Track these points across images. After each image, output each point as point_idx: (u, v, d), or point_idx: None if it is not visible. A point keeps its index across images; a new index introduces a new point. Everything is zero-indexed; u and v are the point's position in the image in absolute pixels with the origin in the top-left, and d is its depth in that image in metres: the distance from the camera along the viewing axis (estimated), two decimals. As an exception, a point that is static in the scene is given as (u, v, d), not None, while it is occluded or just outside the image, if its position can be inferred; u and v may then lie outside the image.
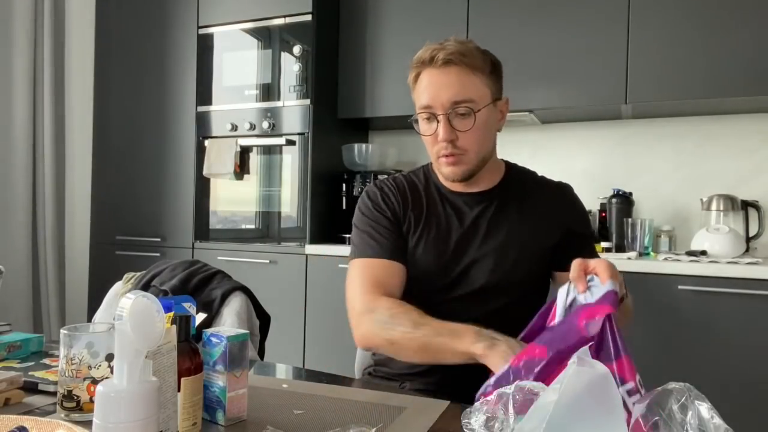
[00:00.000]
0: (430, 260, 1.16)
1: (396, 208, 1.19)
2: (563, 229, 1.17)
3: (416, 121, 1.15)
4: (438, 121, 1.09)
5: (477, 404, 0.67)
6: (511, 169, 1.25)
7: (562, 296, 0.89)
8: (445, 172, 1.15)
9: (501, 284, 1.14)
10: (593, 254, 1.19)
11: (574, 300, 0.88)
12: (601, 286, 0.84)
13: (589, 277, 0.87)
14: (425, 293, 1.15)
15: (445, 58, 1.07)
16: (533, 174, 1.26)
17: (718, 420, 0.59)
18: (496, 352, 0.90)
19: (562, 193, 1.24)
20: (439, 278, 1.16)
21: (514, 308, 1.15)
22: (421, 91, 1.12)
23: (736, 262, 1.91)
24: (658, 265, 1.95)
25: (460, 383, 0.98)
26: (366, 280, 1.12)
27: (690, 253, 2.10)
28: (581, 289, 0.86)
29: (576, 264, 0.88)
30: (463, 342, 0.94)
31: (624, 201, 2.38)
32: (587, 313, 0.81)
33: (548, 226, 1.17)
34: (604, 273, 0.85)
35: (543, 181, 1.25)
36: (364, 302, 1.09)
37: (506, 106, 1.18)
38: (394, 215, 1.18)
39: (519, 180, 1.22)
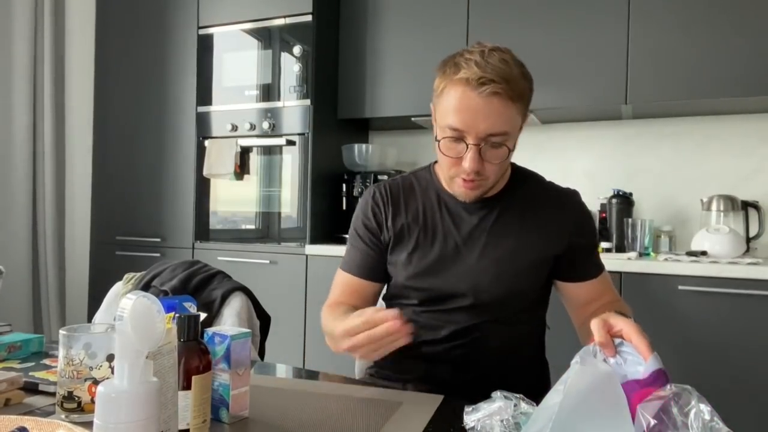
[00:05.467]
0: (424, 269, 1.13)
1: (382, 220, 1.18)
2: (568, 239, 1.14)
3: (438, 139, 1.06)
4: (467, 148, 1.02)
5: (480, 404, 0.67)
6: (516, 173, 1.19)
7: None
8: (458, 193, 1.10)
9: (502, 296, 1.12)
10: (597, 263, 1.18)
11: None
12: (637, 356, 0.76)
13: (618, 341, 0.79)
14: (421, 302, 1.15)
15: (494, 90, 0.97)
16: (539, 179, 1.22)
17: (719, 422, 0.59)
18: None
19: (568, 200, 1.18)
20: (435, 288, 1.13)
21: (517, 318, 1.15)
22: (452, 109, 1.01)
23: (736, 263, 1.91)
24: (659, 265, 1.95)
25: (456, 389, 0.98)
26: (336, 292, 1.23)
27: (690, 254, 2.10)
28: (610, 353, 0.78)
29: (598, 325, 0.79)
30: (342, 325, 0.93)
31: (624, 201, 2.38)
32: (641, 396, 0.71)
33: (552, 235, 1.13)
34: (642, 344, 0.76)
35: (549, 186, 1.20)
36: (323, 314, 1.16)
37: (527, 118, 1.10)
38: (379, 227, 1.18)
39: (524, 186, 1.18)
